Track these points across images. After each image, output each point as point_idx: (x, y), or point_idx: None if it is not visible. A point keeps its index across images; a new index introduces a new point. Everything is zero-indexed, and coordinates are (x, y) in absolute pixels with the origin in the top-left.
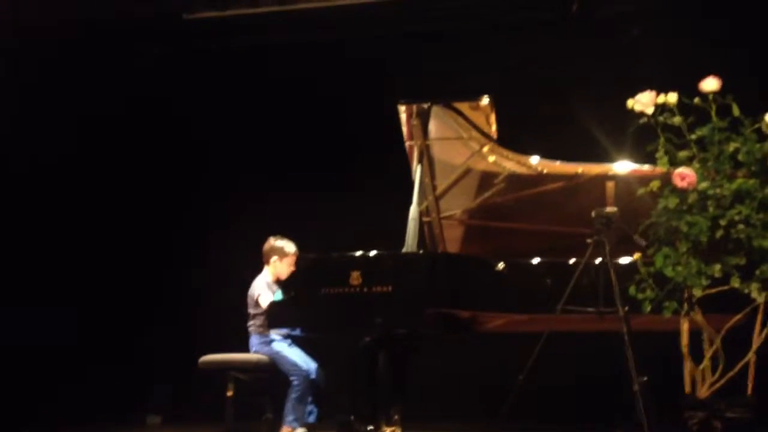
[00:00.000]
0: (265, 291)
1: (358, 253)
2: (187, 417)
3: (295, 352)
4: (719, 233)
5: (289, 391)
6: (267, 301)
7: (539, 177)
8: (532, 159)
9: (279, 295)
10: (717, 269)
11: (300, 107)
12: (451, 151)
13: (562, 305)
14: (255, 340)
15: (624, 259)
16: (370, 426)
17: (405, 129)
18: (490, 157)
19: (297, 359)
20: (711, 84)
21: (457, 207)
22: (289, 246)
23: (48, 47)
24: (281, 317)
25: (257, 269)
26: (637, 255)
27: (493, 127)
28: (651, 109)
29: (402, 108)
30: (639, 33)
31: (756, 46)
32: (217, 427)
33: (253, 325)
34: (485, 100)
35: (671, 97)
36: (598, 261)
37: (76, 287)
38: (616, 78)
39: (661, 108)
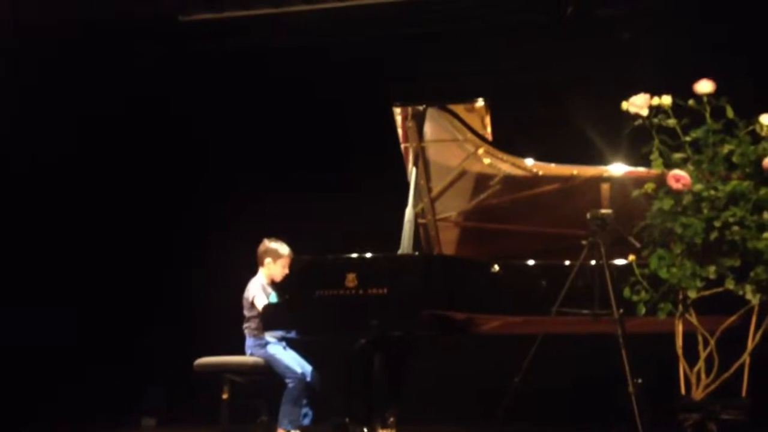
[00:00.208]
0: (260, 293)
1: (353, 255)
2: (182, 419)
3: (290, 354)
4: (714, 235)
5: (285, 394)
6: (262, 304)
7: (534, 179)
8: (527, 161)
9: (274, 298)
10: (712, 271)
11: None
12: (447, 153)
13: (557, 307)
14: (250, 342)
15: (619, 261)
16: (365, 428)
17: (400, 131)
18: (485, 159)
19: (292, 362)
20: (705, 86)
21: (453, 209)
22: (283, 248)
23: (48, 47)
24: (276, 320)
25: (253, 271)
26: (632, 257)
27: (489, 129)
28: (645, 111)
29: (397, 110)
30: (629, 37)
31: (750, 48)
32: (213, 430)
33: (249, 328)
34: (480, 102)
35: (665, 100)
36: (593, 263)
37: (76, 287)
38: (610, 80)
39: (656, 110)
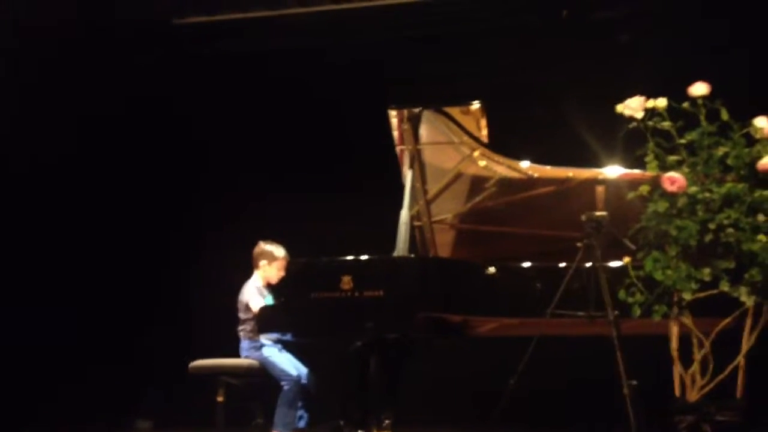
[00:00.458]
0: (255, 295)
1: (348, 258)
2: (178, 422)
3: (286, 357)
4: (708, 237)
5: (280, 396)
6: (257, 306)
7: (530, 181)
8: (522, 163)
9: (269, 300)
10: (706, 273)
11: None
12: (442, 156)
13: (552, 309)
14: (245, 345)
15: (614, 263)
16: (360, 431)
17: (396, 134)
18: (480, 162)
19: (287, 364)
20: (700, 89)
21: (448, 211)
22: (279, 250)
23: (48, 47)
24: (271, 322)
25: (248, 273)
26: (627, 259)
27: (484, 132)
28: (640, 114)
29: (393, 113)
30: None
31: (745, 51)
32: None
33: (244, 330)
34: (476, 104)
35: (660, 102)
36: (588, 265)
37: (75, 287)
38: (606, 83)
39: (651, 112)
